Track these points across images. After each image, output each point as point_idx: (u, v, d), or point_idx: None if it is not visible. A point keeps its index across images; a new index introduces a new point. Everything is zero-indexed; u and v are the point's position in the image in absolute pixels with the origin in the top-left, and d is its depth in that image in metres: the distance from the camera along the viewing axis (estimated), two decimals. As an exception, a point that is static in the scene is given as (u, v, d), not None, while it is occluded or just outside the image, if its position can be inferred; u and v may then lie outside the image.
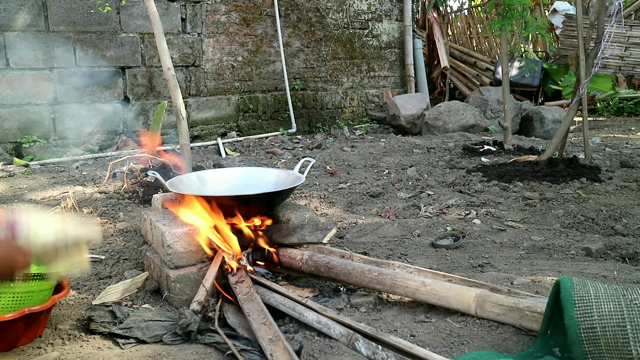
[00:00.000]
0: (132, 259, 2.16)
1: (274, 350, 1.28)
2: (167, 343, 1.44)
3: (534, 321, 1.32)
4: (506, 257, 2.17)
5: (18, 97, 4.58)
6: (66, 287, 1.58)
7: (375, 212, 2.91)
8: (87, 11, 4.84)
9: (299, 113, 6.34)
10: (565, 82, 7.67)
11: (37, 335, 1.48)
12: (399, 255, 2.20)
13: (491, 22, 4.49)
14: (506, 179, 3.43)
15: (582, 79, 3.56)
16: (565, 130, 3.68)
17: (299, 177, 2.04)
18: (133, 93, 5.18)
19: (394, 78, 7.26)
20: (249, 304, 1.53)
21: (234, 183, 2.19)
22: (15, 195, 3.24)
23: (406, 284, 1.52)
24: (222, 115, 5.79)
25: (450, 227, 2.57)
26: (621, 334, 1.05)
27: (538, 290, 1.62)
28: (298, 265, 1.74)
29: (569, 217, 2.67)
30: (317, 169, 3.95)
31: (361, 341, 1.30)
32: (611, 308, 1.09)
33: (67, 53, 4.78)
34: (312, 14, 6.40)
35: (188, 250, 1.77)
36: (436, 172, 3.84)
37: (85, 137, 4.93)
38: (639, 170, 3.66)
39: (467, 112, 5.89)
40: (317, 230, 1.75)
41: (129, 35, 5.09)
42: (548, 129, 5.76)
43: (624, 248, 2.16)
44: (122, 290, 1.80)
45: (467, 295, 1.43)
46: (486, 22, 9.48)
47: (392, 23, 7.11)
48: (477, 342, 1.32)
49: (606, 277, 1.83)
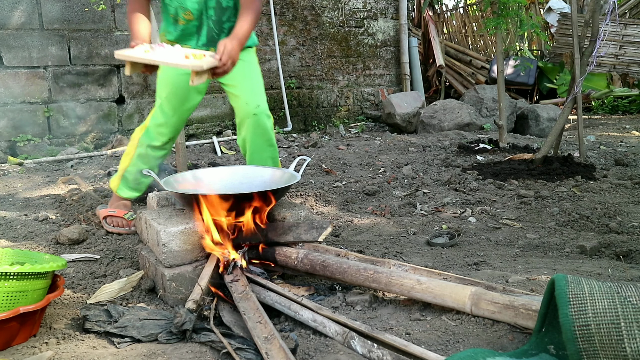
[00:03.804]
0: (127, 257, 2.15)
1: (270, 349, 1.28)
2: (162, 342, 1.44)
3: (528, 319, 1.32)
4: (501, 255, 2.18)
5: (12, 96, 4.56)
6: (61, 286, 1.57)
7: (371, 211, 2.91)
8: (81, 9, 4.82)
9: (295, 111, 6.34)
10: (560, 81, 7.69)
11: (31, 334, 1.47)
12: (395, 254, 2.20)
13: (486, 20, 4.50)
14: (501, 177, 3.44)
15: (577, 77, 3.57)
16: (560, 128, 3.69)
17: (294, 176, 2.04)
18: (128, 91, 5.17)
19: (389, 76, 7.26)
20: (245, 303, 1.53)
21: (229, 181, 2.18)
22: (10, 194, 3.22)
23: (401, 282, 1.52)
24: (217, 113, 5.78)
25: (446, 226, 2.58)
26: (615, 331, 1.05)
27: (533, 288, 1.63)
28: (293, 263, 1.74)
29: (564, 215, 2.68)
30: (312, 168, 3.95)
31: (356, 339, 1.30)
32: (605, 305, 1.09)
33: (61, 51, 4.76)
34: (308, 12, 6.39)
35: (183, 249, 1.76)
36: (432, 170, 3.84)
37: (80, 135, 4.92)
38: (633, 169, 3.67)
39: (463, 110, 5.90)
40: (312, 228, 1.75)
41: (123, 33, 5.07)
42: (543, 127, 5.77)
43: (618, 246, 2.17)
44: (117, 289, 1.79)
45: (462, 293, 1.43)
46: (481, 20, 9.49)
47: (387, 21, 7.11)
48: (472, 340, 1.33)
49: (601, 275, 1.83)
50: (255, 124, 2.27)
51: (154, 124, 2.36)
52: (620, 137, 5.28)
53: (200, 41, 2.26)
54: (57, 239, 2.31)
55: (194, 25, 2.23)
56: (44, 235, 2.42)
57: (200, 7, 2.18)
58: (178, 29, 2.23)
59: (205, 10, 2.19)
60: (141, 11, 2.10)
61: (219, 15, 2.21)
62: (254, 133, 2.29)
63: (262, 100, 2.30)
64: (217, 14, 2.20)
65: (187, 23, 2.21)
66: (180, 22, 2.21)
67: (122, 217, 2.43)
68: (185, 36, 2.25)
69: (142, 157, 2.40)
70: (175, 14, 2.20)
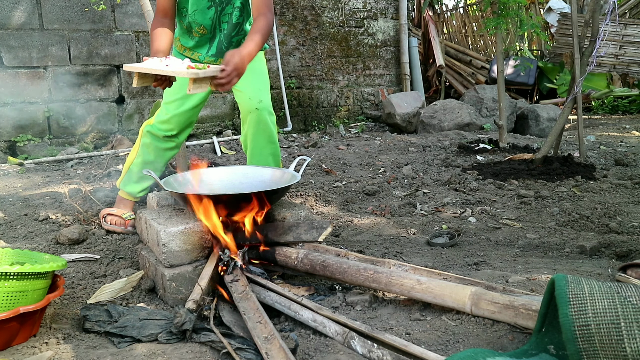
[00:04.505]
0: (127, 257, 2.15)
1: (270, 349, 1.28)
2: (162, 342, 1.44)
3: (528, 319, 1.32)
4: (501, 255, 2.18)
5: (12, 96, 4.56)
6: (61, 286, 1.57)
7: (371, 211, 2.91)
8: (81, 9, 4.82)
9: (295, 111, 6.34)
10: (560, 81, 7.69)
11: (31, 334, 1.47)
12: (395, 254, 2.20)
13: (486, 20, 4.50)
14: (501, 177, 3.44)
15: (577, 77, 3.57)
16: (560, 128, 3.69)
17: (294, 176, 2.04)
18: (128, 91, 5.17)
19: (389, 76, 7.26)
20: (245, 303, 1.53)
21: (229, 181, 2.18)
22: (10, 194, 3.22)
23: (401, 282, 1.52)
24: (217, 113, 5.78)
25: (446, 226, 2.58)
26: (615, 331, 1.05)
27: (533, 288, 1.63)
28: (293, 263, 1.74)
29: (564, 215, 2.68)
30: (312, 168, 3.95)
31: (356, 339, 1.30)
32: (605, 305, 1.09)
33: (61, 51, 4.76)
34: (308, 12, 6.39)
35: (183, 249, 1.76)
36: (432, 170, 3.84)
37: (80, 135, 4.92)
38: (633, 169, 3.67)
39: (463, 110, 5.90)
40: (312, 228, 1.75)
41: (123, 33, 5.08)
42: (543, 127, 5.77)
43: (618, 246, 2.17)
44: (117, 289, 1.79)
45: (462, 293, 1.43)
46: (481, 20, 9.49)
47: (387, 21, 7.11)
48: (472, 340, 1.33)
49: (601, 275, 1.83)
50: (257, 120, 2.29)
51: (158, 120, 2.38)
52: (620, 137, 5.28)
53: (210, 51, 2.34)
54: (57, 239, 2.31)
55: (207, 38, 2.31)
56: (44, 235, 2.42)
57: (213, 23, 2.27)
58: (193, 39, 2.32)
59: (218, 24, 2.28)
60: (163, 26, 2.15)
61: (230, 30, 2.29)
62: (255, 128, 2.31)
63: (266, 97, 2.33)
64: (229, 29, 2.29)
65: (201, 36, 2.30)
66: (194, 34, 2.30)
67: (120, 216, 2.44)
68: (197, 46, 2.34)
69: (147, 147, 2.40)
70: (189, 26, 2.28)
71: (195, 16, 2.22)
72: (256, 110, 2.28)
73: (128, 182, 2.47)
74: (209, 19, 2.23)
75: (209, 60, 2.33)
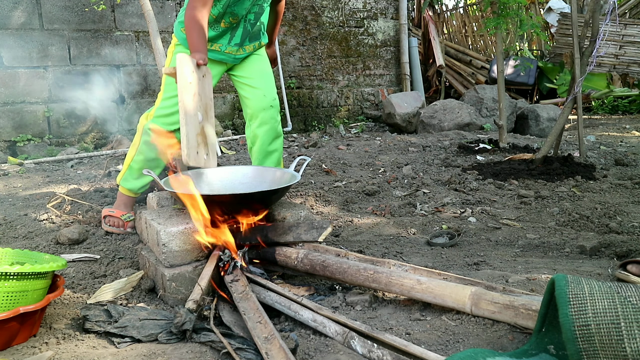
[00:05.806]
0: (127, 257, 2.15)
1: (270, 349, 1.28)
2: (162, 342, 1.44)
3: (528, 319, 1.32)
4: (501, 255, 2.18)
5: (12, 96, 4.56)
6: (61, 286, 1.57)
7: (371, 211, 2.91)
8: (81, 9, 4.82)
9: (295, 111, 6.34)
10: (560, 81, 7.69)
11: (31, 334, 1.47)
12: (395, 254, 2.20)
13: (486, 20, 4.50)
14: (501, 177, 3.44)
15: (577, 77, 3.57)
16: (560, 128, 3.69)
17: (294, 176, 2.04)
18: (128, 92, 5.17)
19: (389, 76, 7.26)
20: (245, 303, 1.53)
21: (229, 182, 2.18)
22: (10, 194, 3.22)
23: (401, 282, 1.52)
24: (217, 113, 5.78)
25: (446, 225, 2.58)
26: (615, 331, 1.05)
27: (533, 288, 1.63)
28: (293, 263, 1.74)
29: (564, 215, 2.68)
30: (312, 168, 3.95)
31: (356, 339, 1.30)
32: (605, 305, 1.09)
33: (61, 51, 4.76)
34: (308, 12, 6.39)
35: (183, 249, 1.76)
36: (432, 170, 3.84)
37: (80, 135, 4.92)
38: (633, 169, 3.67)
39: (463, 110, 5.90)
40: (312, 228, 1.75)
41: (123, 33, 5.08)
42: (543, 127, 5.77)
43: (618, 246, 2.17)
44: (117, 289, 1.79)
45: (462, 293, 1.43)
46: (481, 20, 9.49)
47: (387, 21, 7.12)
48: (472, 340, 1.33)
49: (601, 275, 1.83)
50: (270, 116, 2.38)
51: (160, 115, 2.37)
52: (620, 137, 5.28)
53: (233, 41, 2.34)
54: (57, 239, 2.31)
55: (232, 28, 2.31)
56: (44, 235, 2.42)
57: (246, 12, 2.28)
58: (216, 29, 2.29)
59: (247, 14, 2.29)
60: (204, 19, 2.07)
61: (256, 19, 2.33)
62: (269, 125, 2.39)
63: (276, 95, 2.44)
64: (255, 18, 2.33)
65: (230, 25, 2.29)
66: (222, 24, 2.28)
67: (119, 218, 2.43)
68: (219, 37, 2.32)
69: (148, 145, 2.40)
70: (219, 17, 2.25)
71: (234, 6, 2.21)
72: (270, 108, 2.37)
73: (128, 179, 2.47)
74: (244, 8, 2.24)
75: (231, 50, 2.34)
